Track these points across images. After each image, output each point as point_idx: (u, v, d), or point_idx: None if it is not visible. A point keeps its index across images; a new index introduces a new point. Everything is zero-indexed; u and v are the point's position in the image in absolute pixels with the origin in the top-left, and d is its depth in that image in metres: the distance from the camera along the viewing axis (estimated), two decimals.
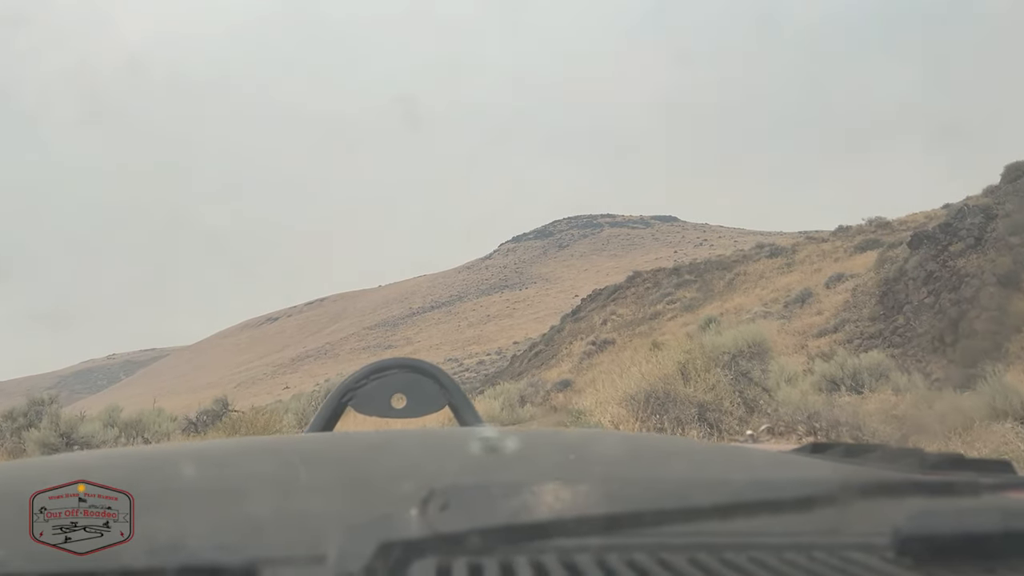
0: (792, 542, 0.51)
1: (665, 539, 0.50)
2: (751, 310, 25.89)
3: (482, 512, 0.50)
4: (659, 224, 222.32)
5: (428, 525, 0.47)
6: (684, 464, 0.80)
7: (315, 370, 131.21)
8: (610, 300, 37.56)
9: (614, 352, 28.56)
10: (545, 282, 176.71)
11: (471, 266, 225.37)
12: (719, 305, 29.01)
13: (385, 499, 0.59)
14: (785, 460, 0.81)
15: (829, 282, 24.87)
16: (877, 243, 29.53)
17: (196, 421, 10.90)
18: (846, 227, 37.92)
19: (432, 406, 1.59)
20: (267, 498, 0.60)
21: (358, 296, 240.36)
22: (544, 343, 38.70)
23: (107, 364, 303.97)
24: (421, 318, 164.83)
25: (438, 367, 1.64)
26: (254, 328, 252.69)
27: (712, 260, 38.17)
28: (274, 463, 0.75)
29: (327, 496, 0.61)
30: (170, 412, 12.64)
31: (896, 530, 0.48)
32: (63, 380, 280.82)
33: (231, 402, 13.11)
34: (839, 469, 0.72)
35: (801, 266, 30.81)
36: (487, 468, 0.72)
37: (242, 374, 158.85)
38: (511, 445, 0.77)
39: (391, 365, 1.62)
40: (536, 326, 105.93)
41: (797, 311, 21.88)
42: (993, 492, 0.60)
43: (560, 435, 1.02)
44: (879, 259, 22.53)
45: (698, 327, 26.54)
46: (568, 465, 0.74)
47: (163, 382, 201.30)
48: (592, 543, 0.48)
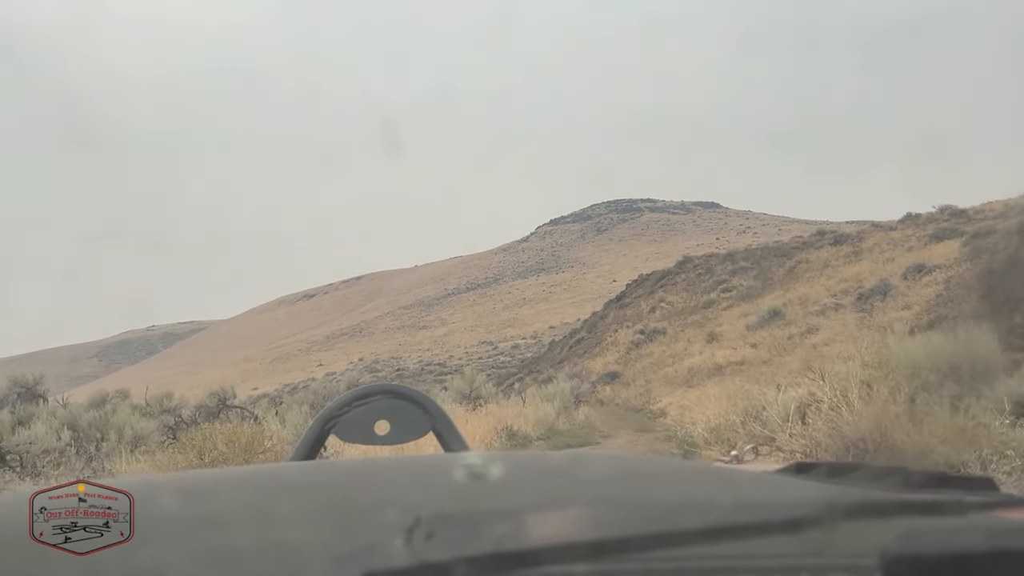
0: (779, 564, 0.51)
1: (652, 564, 0.50)
2: (819, 301, 23.68)
3: (468, 540, 0.50)
4: (700, 210, 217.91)
5: (414, 554, 0.47)
6: (671, 487, 0.77)
7: (349, 348, 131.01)
8: (658, 286, 35.38)
9: (665, 343, 26.54)
10: (582, 266, 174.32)
11: (507, 248, 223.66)
12: (780, 295, 26.79)
13: (369, 528, 0.58)
14: (771, 481, 0.78)
15: (907, 273, 22.60)
16: (955, 232, 27.30)
17: (176, 426, 9.12)
18: (915, 215, 35.57)
19: (416, 432, 1.57)
20: (249, 528, 0.60)
21: (394, 275, 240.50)
22: (586, 330, 36.76)
23: (146, 336, 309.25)
24: (456, 299, 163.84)
25: (422, 393, 1.64)
26: (291, 304, 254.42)
27: (770, 246, 35.73)
28: (256, 492, 0.74)
29: (310, 526, 0.60)
30: (168, 402, 11.03)
31: (883, 551, 0.49)
32: (104, 350, 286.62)
33: (234, 395, 11.40)
34: (825, 489, 0.70)
35: (870, 255, 28.47)
36: (473, 495, 0.71)
37: (277, 350, 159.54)
38: (496, 471, 0.75)
39: (374, 391, 1.60)
40: (573, 311, 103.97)
41: (879, 304, 19.62)
42: (979, 511, 0.59)
43: (546, 458, 1.00)
44: (972, 249, 20.16)
45: (759, 319, 24.44)
46: (554, 490, 0.72)
47: (200, 355, 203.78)
48: (579, 570, 0.48)
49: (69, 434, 8.40)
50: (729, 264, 33.99)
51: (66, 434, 8.33)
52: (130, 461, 7.84)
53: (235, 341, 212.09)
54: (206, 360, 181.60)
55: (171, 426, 9.06)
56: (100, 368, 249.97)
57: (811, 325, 20.92)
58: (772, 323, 23.17)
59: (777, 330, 21.99)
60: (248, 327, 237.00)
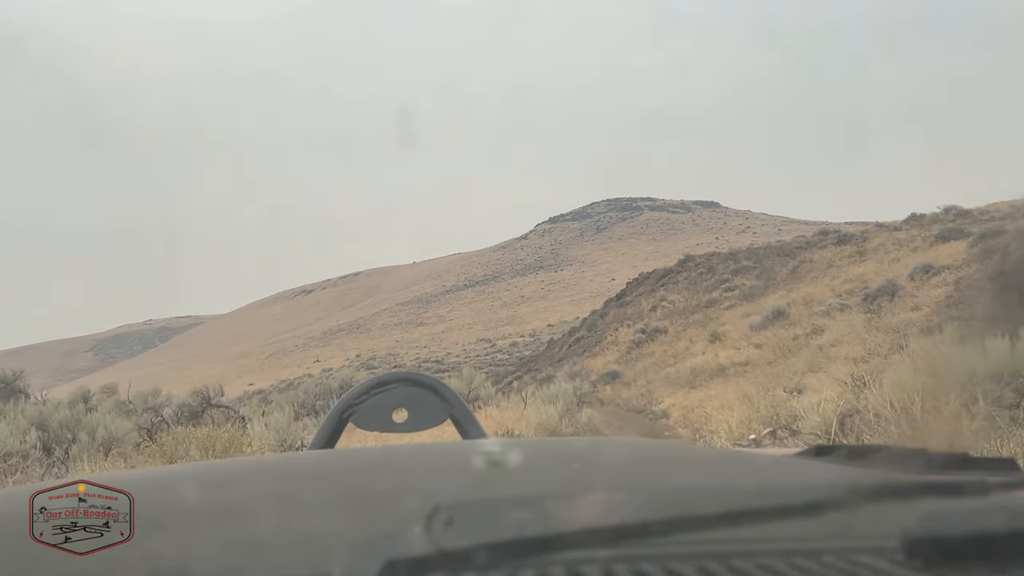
0: (801, 547, 0.51)
1: (672, 548, 0.50)
2: (825, 302, 23.25)
3: (488, 527, 0.50)
4: (700, 209, 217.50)
5: (433, 542, 0.47)
6: (690, 472, 0.78)
7: (346, 344, 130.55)
8: (659, 285, 34.96)
9: (666, 342, 26.12)
10: (582, 264, 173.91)
11: (506, 246, 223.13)
12: (784, 295, 26.36)
13: (389, 516, 0.58)
14: (791, 464, 0.79)
15: (914, 273, 22.20)
16: (961, 233, 26.95)
17: (155, 427, 8.63)
18: (919, 215, 35.26)
19: (433, 420, 1.59)
20: (270, 517, 0.60)
21: (392, 271, 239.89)
22: (585, 328, 36.31)
23: (143, 329, 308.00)
24: (454, 296, 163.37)
25: (439, 380, 1.64)
26: (288, 299, 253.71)
27: (772, 246, 35.31)
28: (276, 482, 0.75)
29: (330, 514, 0.60)
30: (155, 399, 10.53)
31: (905, 532, 0.49)
32: (100, 344, 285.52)
33: (222, 392, 10.92)
34: (846, 472, 0.70)
35: (875, 255, 28.06)
36: (492, 482, 0.72)
37: (274, 345, 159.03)
38: (515, 458, 0.76)
39: (391, 379, 1.61)
40: (572, 309, 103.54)
41: (887, 305, 19.21)
42: (1001, 492, 0.59)
43: (564, 445, 0.98)
44: (981, 249, 19.75)
45: (763, 319, 24.01)
46: (573, 476, 0.73)
47: (197, 350, 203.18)
48: (599, 555, 0.48)
49: (36, 435, 7.91)
50: (731, 263, 33.56)
51: (33, 435, 7.84)
52: (101, 466, 7.31)
53: (232, 336, 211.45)
54: (202, 355, 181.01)
55: (148, 427, 8.58)
56: (96, 362, 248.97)
57: (816, 326, 20.53)
58: (776, 323, 22.74)
59: (781, 330, 21.58)
60: (245, 322, 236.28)
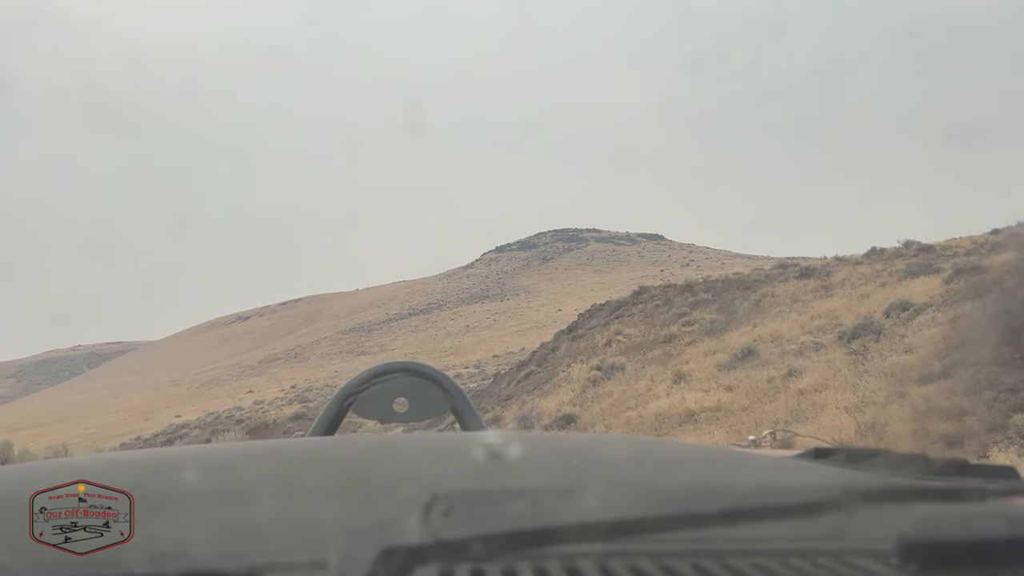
0: (796, 548, 0.51)
1: (669, 545, 0.50)
2: (796, 339, 21.42)
3: (485, 518, 0.50)
4: (645, 242, 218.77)
5: (431, 531, 0.47)
6: (688, 470, 0.78)
7: (282, 374, 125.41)
8: (613, 317, 32.93)
9: (625, 381, 23.94)
10: (527, 294, 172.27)
11: (452, 274, 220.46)
12: (749, 331, 24.53)
13: (387, 504, 0.59)
14: (789, 465, 0.80)
15: (890, 310, 20.56)
16: (931, 268, 25.70)
17: None
18: (880, 249, 34.24)
19: (434, 410, 1.57)
20: (268, 502, 0.61)
21: (333, 299, 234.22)
22: (535, 363, 33.96)
23: (71, 355, 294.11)
24: (397, 325, 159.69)
25: (440, 371, 1.62)
26: (223, 327, 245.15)
27: (731, 278, 33.76)
28: (276, 467, 0.75)
29: (329, 501, 0.61)
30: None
31: (901, 536, 0.49)
32: (23, 369, 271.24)
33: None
34: (843, 474, 0.71)
35: (841, 289, 26.56)
36: (490, 473, 0.72)
37: (206, 374, 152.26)
38: (514, 451, 0.77)
39: (393, 369, 1.59)
40: (518, 339, 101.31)
41: (872, 346, 17.40)
42: (999, 498, 0.59)
43: (563, 440, 0.99)
44: (972, 286, 18.19)
45: (731, 357, 22.03)
46: (572, 471, 0.74)
47: (125, 377, 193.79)
48: (595, 549, 0.48)
49: None
50: (688, 295, 31.77)
51: None
52: None
53: (163, 364, 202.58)
54: (131, 384, 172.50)
55: None
56: (18, 389, 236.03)
57: (792, 367, 18.62)
58: (747, 363, 20.76)
59: (753, 371, 19.60)
60: (178, 349, 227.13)
